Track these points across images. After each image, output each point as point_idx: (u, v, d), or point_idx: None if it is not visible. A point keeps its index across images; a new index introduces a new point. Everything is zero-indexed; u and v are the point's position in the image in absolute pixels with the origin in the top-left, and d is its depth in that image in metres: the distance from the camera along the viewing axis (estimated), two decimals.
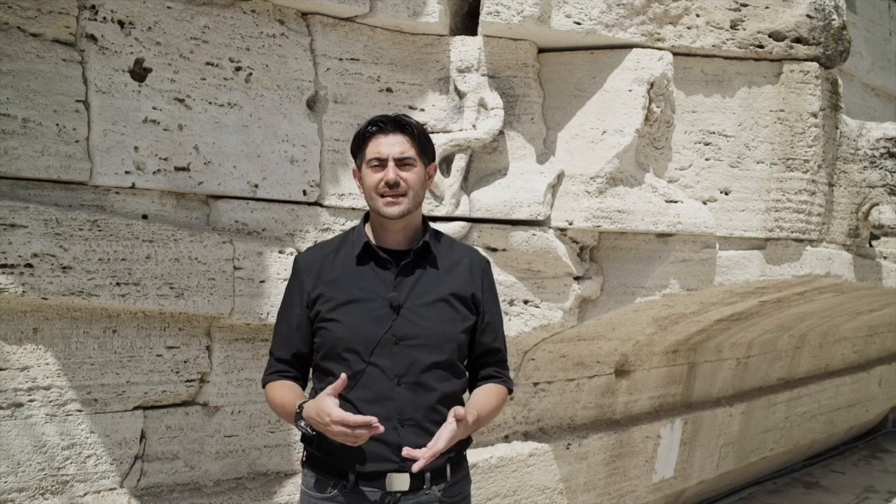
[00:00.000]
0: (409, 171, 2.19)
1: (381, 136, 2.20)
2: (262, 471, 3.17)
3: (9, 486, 2.56)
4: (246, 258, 2.92)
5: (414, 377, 2.16)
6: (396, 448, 2.12)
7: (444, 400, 2.19)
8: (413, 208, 2.22)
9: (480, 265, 2.34)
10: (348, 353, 2.17)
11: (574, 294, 3.61)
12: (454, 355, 2.23)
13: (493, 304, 2.36)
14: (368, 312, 2.17)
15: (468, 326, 2.26)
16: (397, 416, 2.14)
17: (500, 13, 3.30)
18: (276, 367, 2.30)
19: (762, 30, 3.69)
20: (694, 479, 5.42)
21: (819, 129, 3.74)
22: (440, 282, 2.24)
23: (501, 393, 2.32)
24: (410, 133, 2.21)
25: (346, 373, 2.14)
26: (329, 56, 3.17)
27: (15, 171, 2.48)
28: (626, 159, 3.47)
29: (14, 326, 2.56)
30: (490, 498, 3.85)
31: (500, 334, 2.38)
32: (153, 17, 2.74)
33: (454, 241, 2.42)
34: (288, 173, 3.06)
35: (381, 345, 2.15)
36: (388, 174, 2.17)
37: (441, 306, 2.21)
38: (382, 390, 2.15)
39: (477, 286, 2.29)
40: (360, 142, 2.24)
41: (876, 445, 8.06)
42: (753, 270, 3.83)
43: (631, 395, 4.77)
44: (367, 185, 2.22)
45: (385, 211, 2.18)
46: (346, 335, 2.17)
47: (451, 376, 2.22)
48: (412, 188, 2.19)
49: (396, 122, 2.21)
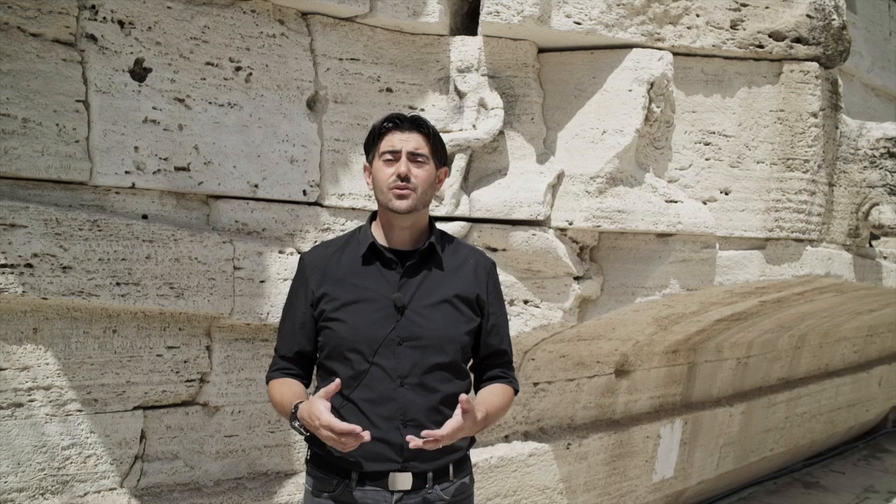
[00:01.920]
0: (421, 168, 2.20)
1: (396, 131, 2.21)
2: (262, 471, 3.17)
3: (9, 485, 2.56)
4: (246, 258, 2.92)
5: (417, 378, 2.16)
6: (399, 448, 2.13)
7: (447, 401, 2.19)
8: (420, 206, 2.22)
9: (485, 267, 2.34)
10: (352, 353, 2.17)
11: (574, 294, 3.62)
12: (458, 357, 2.24)
13: (499, 306, 2.36)
14: (373, 313, 2.17)
15: (472, 328, 2.27)
16: (400, 416, 2.15)
17: (500, 13, 3.30)
18: (280, 365, 2.31)
19: (762, 30, 3.69)
20: (694, 479, 5.42)
21: (819, 129, 3.74)
22: (445, 283, 2.24)
23: (508, 393, 2.32)
24: (426, 132, 2.23)
25: (349, 373, 2.15)
26: (329, 56, 3.17)
27: (15, 171, 2.48)
28: (626, 159, 3.47)
29: (14, 326, 2.56)
30: (490, 498, 3.85)
31: (506, 336, 2.38)
32: (153, 17, 2.74)
33: (460, 242, 2.42)
34: (288, 173, 3.06)
35: (384, 345, 2.15)
36: (399, 167, 2.18)
37: (445, 308, 2.22)
38: (385, 391, 2.15)
39: (482, 288, 2.30)
40: (376, 136, 2.25)
41: (876, 445, 8.06)
42: (753, 270, 3.83)
43: (631, 395, 4.77)
44: (378, 178, 2.22)
45: (394, 204, 2.18)
46: (350, 335, 2.17)
47: (454, 377, 2.23)
48: (422, 185, 2.20)
49: (413, 121, 2.23)
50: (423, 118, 2.26)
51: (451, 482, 2.22)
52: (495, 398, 2.27)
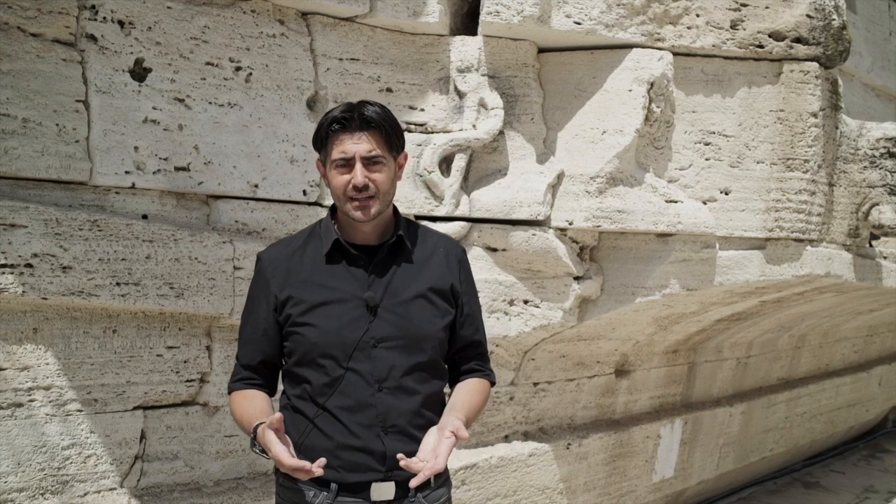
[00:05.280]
0: (378, 172, 2.05)
1: (345, 133, 2.04)
2: (262, 471, 3.17)
3: (9, 485, 2.56)
4: (246, 258, 2.92)
5: (395, 381, 2.05)
6: (381, 457, 2.04)
7: (428, 402, 2.10)
8: (384, 209, 2.09)
9: (457, 255, 2.22)
10: (324, 359, 2.04)
11: (574, 294, 3.62)
12: (436, 354, 2.13)
13: (472, 294, 2.24)
14: (344, 314, 2.05)
15: (449, 322, 2.15)
16: (380, 423, 2.04)
17: (500, 13, 3.30)
18: (242, 375, 2.17)
19: (762, 30, 3.69)
20: (694, 479, 5.42)
21: (819, 129, 3.74)
22: (417, 276, 2.12)
23: (485, 387, 2.22)
24: (377, 128, 2.04)
25: (323, 380, 2.04)
26: (329, 56, 3.17)
27: (15, 171, 2.48)
28: (626, 159, 3.47)
29: (14, 326, 2.56)
30: (490, 498, 3.85)
31: (480, 326, 2.26)
32: (153, 17, 2.74)
33: (428, 229, 2.28)
34: (288, 173, 3.06)
35: (358, 348, 2.03)
36: (356, 177, 2.02)
37: (420, 303, 2.10)
38: (362, 397, 2.04)
39: (455, 276, 2.18)
40: (323, 139, 2.08)
41: (876, 445, 8.06)
42: (753, 270, 3.83)
43: (631, 395, 4.77)
44: (333, 186, 2.07)
45: (354, 216, 2.05)
46: (322, 340, 2.04)
47: (431, 377, 2.12)
48: (381, 189, 2.05)
49: (362, 119, 2.03)
50: (372, 110, 2.05)
51: (432, 489, 2.13)
52: (472, 398, 2.16)
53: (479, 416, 2.30)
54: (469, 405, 2.13)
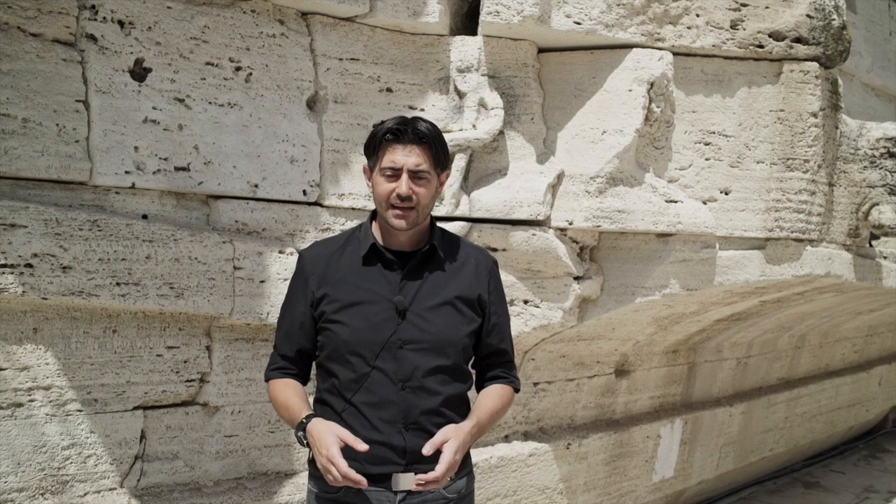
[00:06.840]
0: (423, 186, 2.17)
1: (398, 145, 2.16)
2: (262, 471, 3.17)
3: (9, 485, 2.56)
4: (246, 258, 2.92)
5: (418, 381, 2.17)
6: (402, 451, 2.15)
7: (448, 403, 2.20)
8: (422, 220, 2.22)
9: (487, 266, 2.33)
10: (352, 357, 2.17)
11: (574, 294, 3.61)
12: (459, 359, 2.24)
13: (500, 305, 2.36)
14: (373, 315, 2.17)
15: (473, 329, 2.27)
16: (402, 420, 2.16)
17: (500, 13, 3.30)
18: (279, 364, 2.32)
19: (762, 30, 3.69)
20: (694, 479, 5.42)
21: (819, 129, 3.74)
22: (446, 284, 2.24)
23: (506, 393, 2.33)
24: (428, 144, 2.17)
25: (350, 376, 2.17)
26: (329, 56, 3.17)
27: (15, 171, 2.48)
28: (626, 159, 3.47)
29: (14, 326, 2.56)
30: (490, 498, 3.85)
31: (508, 335, 2.38)
32: (153, 17, 2.74)
33: (462, 240, 2.40)
34: (288, 173, 3.06)
35: (385, 349, 2.15)
36: (400, 187, 2.14)
37: (446, 310, 2.22)
38: (387, 395, 2.16)
39: (483, 287, 2.29)
40: (376, 146, 2.20)
41: (876, 445, 8.06)
42: (753, 270, 3.83)
43: (631, 395, 4.77)
44: (378, 192, 2.20)
45: (394, 223, 2.18)
46: (351, 338, 2.17)
47: (454, 380, 2.23)
48: (422, 202, 2.18)
49: (415, 133, 2.16)
50: (425, 126, 2.19)
51: (453, 480, 2.22)
52: (491, 402, 2.28)
53: (498, 420, 2.42)
54: (486, 409, 2.25)
